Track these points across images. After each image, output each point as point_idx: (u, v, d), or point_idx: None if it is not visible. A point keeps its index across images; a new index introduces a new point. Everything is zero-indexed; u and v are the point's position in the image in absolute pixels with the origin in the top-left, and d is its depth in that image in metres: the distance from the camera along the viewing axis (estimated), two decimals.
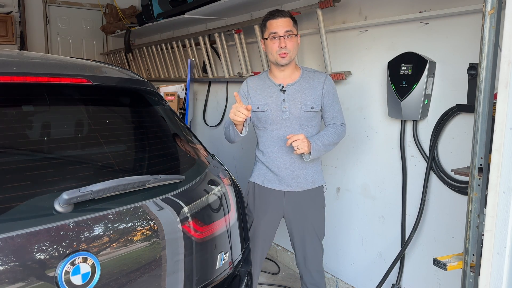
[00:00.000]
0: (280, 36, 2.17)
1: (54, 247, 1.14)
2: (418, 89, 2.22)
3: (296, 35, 2.22)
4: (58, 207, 1.18)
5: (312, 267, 2.35)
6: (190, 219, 1.49)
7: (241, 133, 2.17)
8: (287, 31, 2.17)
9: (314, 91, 2.25)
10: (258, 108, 2.27)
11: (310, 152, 2.15)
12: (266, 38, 2.23)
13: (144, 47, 5.15)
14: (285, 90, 2.25)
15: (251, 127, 2.39)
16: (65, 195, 1.16)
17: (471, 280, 1.43)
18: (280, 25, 2.18)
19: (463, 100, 2.11)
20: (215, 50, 4.01)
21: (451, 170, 2.08)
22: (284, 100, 2.24)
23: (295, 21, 2.25)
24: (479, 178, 1.39)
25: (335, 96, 2.31)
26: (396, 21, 2.39)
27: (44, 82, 1.40)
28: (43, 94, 1.44)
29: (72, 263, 1.14)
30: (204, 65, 4.18)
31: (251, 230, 2.33)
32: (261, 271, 3.28)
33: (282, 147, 2.24)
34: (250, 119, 2.33)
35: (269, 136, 2.28)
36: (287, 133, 2.22)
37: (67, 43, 6.17)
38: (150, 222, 1.37)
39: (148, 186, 1.39)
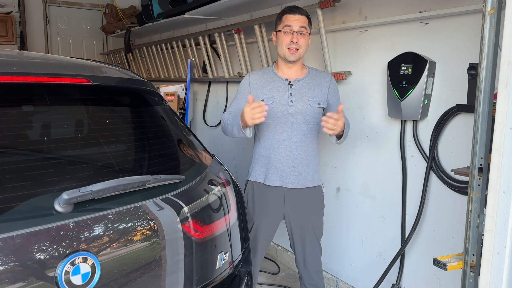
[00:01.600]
0: (294, 31, 2.17)
1: (54, 247, 1.13)
2: (418, 89, 2.22)
3: (309, 34, 2.23)
4: (58, 207, 1.18)
5: (312, 267, 2.34)
6: (190, 219, 1.49)
7: (248, 135, 2.15)
8: (301, 27, 2.18)
9: (321, 88, 2.27)
10: (263, 101, 2.22)
11: (340, 136, 2.14)
12: (279, 31, 2.22)
13: (144, 47, 5.15)
14: (292, 85, 2.24)
15: None
16: (65, 195, 1.16)
17: (471, 280, 1.43)
18: (296, 20, 2.18)
19: (463, 100, 2.11)
20: (215, 50, 4.01)
21: (451, 170, 2.08)
22: (291, 94, 2.23)
23: (310, 22, 2.25)
24: (479, 178, 1.39)
25: (339, 96, 2.36)
26: (396, 21, 2.39)
27: (44, 82, 1.40)
28: (43, 94, 1.44)
29: (72, 263, 1.14)
30: (204, 65, 4.18)
31: (252, 233, 2.30)
32: (262, 271, 3.29)
33: (285, 141, 2.23)
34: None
35: (272, 130, 2.24)
36: (292, 128, 2.21)
37: (67, 43, 6.17)
38: (150, 222, 1.37)
39: (148, 186, 1.39)
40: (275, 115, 2.23)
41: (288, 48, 2.18)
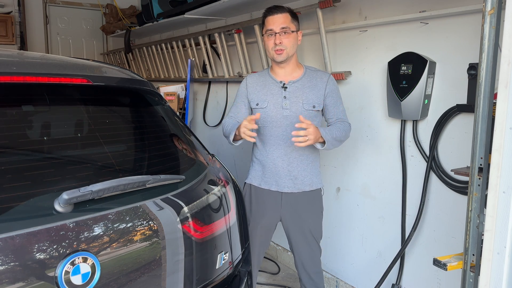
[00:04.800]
0: (276, 33, 2.14)
1: (54, 247, 1.14)
2: (418, 89, 2.22)
3: (294, 31, 2.17)
4: (58, 207, 1.18)
5: (311, 269, 2.33)
6: (190, 219, 1.49)
7: (235, 143, 2.21)
8: (283, 28, 2.14)
9: (317, 90, 2.22)
10: (257, 104, 2.23)
11: (323, 142, 2.08)
12: (263, 35, 2.23)
13: (144, 47, 5.15)
14: (286, 87, 2.21)
15: None
16: (65, 195, 1.16)
17: (471, 280, 1.43)
18: (276, 22, 2.15)
19: (463, 100, 2.11)
20: (215, 50, 4.01)
21: (451, 170, 2.08)
22: (285, 97, 2.20)
23: (294, 17, 2.20)
24: (479, 178, 1.39)
25: (338, 96, 2.28)
26: (396, 21, 2.39)
27: (44, 82, 1.40)
28: (43, 94, 1.44)
29: (72, 263, 1.14)
30: (204, 65, 4.19)
31: (249, 235, 2.30)
32: (262, 271, 3.29)
33: (281, 145, 2.21)
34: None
35: (267, 134, 2.23)
36: (287, 131, 2.17)
37: (67, 43, 6.17)
38: (150, 222, 1.37)
39: (148, 186, 1.39)
40: (270, 119, 2.21)
41: (275, 50, 2.16)
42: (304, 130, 1.97)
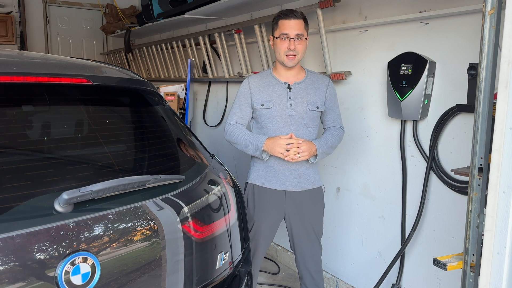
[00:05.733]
0: (291, 38, 2.16)
1: (54, 247, 1.13)
2: (418, 89, 2.22)
3: (306, 39, 2.22)
4: (58, 207, 1.18)
5: (312, 267, 2.35)
6: (190, 219, 1.49)
7: (265, 159, 2.22)
8: (298, 34, 2.17)
9: (319, 92, 2.28)
10: (262, 105, 2.25)
11: (316, 155, 2.19)
12: (276, 37, 2.23)
13: (144, 47, 5.15)
14: (291, 88, 2.25)
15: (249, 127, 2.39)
16: (65, 195, 1.16)
17: (471, 280, 1.43)
18: (292, 27, 2.17)
19: (463, 100, 2.11)
20: (215, 50, 4.01)
21: (451, 170, 2.08)
22: (290, 97, 2.24)
23: (306, 23, 2.24)
24: (479, 178, 1.39)
25: (336, 100, 2.36)
26: (396, 21, 2.39)
27: (44, 82, 1.40)
28: (43, 94, 1.44)
29: (72, 263, 1.14)
30: (204, 65, 4.19)
31: (252, 233, 2.31)
32: (262, 271, 3.29)
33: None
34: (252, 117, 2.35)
35: (272, 134, 2.24)
36: (292, 131, 2.21)
37: (67, 43, 6.17)
38: (150, 222, 1.37)
39: (148, 186, 1.39)
40: (275, 119, 2.24)
41: (287, 55, 2.18)
42: (297, 148, 2.12)
